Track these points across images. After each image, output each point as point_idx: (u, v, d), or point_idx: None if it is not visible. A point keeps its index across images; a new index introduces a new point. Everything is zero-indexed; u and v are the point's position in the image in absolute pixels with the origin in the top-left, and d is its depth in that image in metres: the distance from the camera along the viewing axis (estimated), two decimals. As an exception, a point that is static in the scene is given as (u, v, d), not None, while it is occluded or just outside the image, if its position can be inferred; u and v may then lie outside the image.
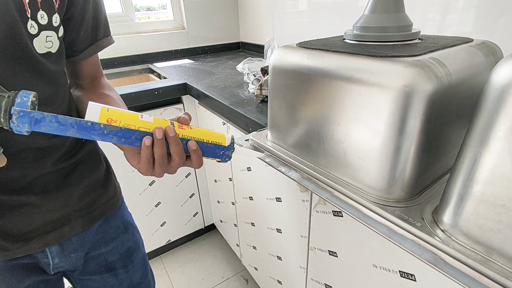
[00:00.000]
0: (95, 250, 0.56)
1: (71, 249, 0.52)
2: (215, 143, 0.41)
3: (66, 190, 0.49)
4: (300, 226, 0.73)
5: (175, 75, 1.22)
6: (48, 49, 0.42)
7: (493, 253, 0.29)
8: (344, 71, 0.39)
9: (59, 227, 0.49)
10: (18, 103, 0.30)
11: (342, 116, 0.40)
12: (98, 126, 0.34)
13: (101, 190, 0.55)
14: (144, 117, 0.37)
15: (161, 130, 0.36)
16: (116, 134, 0.35)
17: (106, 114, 0.34)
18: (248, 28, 1.64)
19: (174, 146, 0.38)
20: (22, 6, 0.37)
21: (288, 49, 0.48)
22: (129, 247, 0.61)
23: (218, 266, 1.35)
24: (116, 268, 0.59)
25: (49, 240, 0.48)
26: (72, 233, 0.51)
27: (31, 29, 0.39)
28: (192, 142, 0.39)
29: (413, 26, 0.45)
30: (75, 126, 0.33)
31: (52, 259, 0.51)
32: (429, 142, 0.36)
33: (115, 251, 0.58)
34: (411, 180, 0.38)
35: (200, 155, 0.40)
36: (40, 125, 0.31)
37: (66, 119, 0.32)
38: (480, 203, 0.29)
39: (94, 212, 0.54)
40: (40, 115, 0.31)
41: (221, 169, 1.13)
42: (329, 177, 0.44)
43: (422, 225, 0.34)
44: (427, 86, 0.32)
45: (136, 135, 0.36)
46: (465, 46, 0.41)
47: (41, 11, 0.39)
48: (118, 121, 0.35)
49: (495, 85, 0.26)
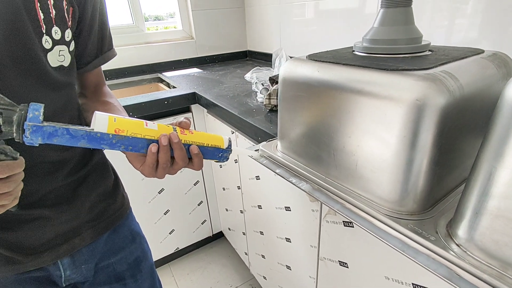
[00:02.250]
0: (104, 261, 0.57)
1: (82, 260, 0.53)
2: (214, 146, 0.44)
3: (76, 202, 0.50)
4: (309, 235, 0.72)
5: (184, 84, 1.24)
6: (60, 62, 0.44)
7: (509, 268, 0.29)
8: (354, 84, 0.39)
9: (70, 238, 0.50)
10: (30, 118, 0.31)
11: (353, 129, 0.41)
12: (107, 136, 0.35)
13: (109, 201, 0.56)
14: (149, 125, 0.39)
15: (166, 137, 0.38)
16: (123, 143, 0.37)
17: (114, 124, 0.36)
18: (255, 37, 1.66)
19: (178, 151, 0.40)
20: (37, 22, 0.39)
21: (298, 62, 0.49)
22: (137, 256, 0.61)
23: (226, 274, 1.35)
24: (125, 278, 0.60)
25: (60, 252, 0.49)
26: (82, 244, 0.52)
27: (46, 44, 0.41)
28: (194, 146, 0.42)
29: (423, 38, 0.45)
30: (86, 137, 0.34)
31: (64, 271, 0.51)
32: (442, 154, 0.36)
33: (124, 261, 0.59)
34: (424, 192, 0.38)
35: (201, 158, 0.43)
36: (52, 138, 0.33)
37: (76, 131, 0.34)
38: (495, 218, 0.29)
39: (103, 223, 0.55)
40: (52, 129, 0.32)
41: (229, 177, 1.14)
42: (340, 189, 0.44)
43: (437, 239, 0.34)
44: (439, 99, 0.32)
45: (142, 143, 0.38)
46: (476, 57, 0.41)
47: (55, 27, 0.41)
48: (125, 130, 0.37)
49: (509, 101, 0.26)
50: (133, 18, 1.47)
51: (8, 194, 0.33)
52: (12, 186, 0.32)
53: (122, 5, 1.46)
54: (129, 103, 1.00)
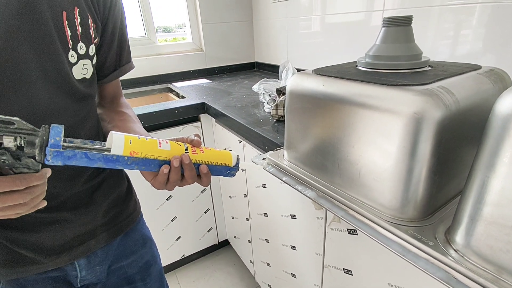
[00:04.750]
0: (116, 263, 0.59)
1: (96, 262, 0.56)
2: (222, 164, 0.46)
3: (92, 207, 0.53)
4: (315, 243, 0.74)
5: (193, 94, 1.28)
6: (83, 75, 0.47)
7: (504, 272, 0.30)
8: (357, 98, 0.42)
9: (86, 240, 0.53)
10: (52, 143, 0.33)
11: (356, 139, 0.43)
12: (122, 159, 0.38)
13: (122, 206, 0.59)
14: (162, 146, 0.41)
15: (178, 160, 0.41)
16: (137, 164, 0.39)
17: (129, 147, 0.38)
18: (262, 49, 1.71)
19: (188, 172, 0.43)
20: (65, 38, 0.43)
21: (305, 76, 0.52)
22: (147, 260, 0.64)
23: (231, 282, 1.36)
24: (135, 281, 0.62)
25: (77, 253, 0.52)
26: (97, 247, 0.55)
27: (71, 58, 0.44)
28: (203, 166, 0.44)
29: (423, 54, 0.48)
30: (102, 160, 0.36)
31: (80, 272, 0.54)
32: (440, 164, 0.38)
33: (134, 264, 0.62)
34: (424, 200, 0.40)
35: (210, 177, 0.45)
36: (71, 161, 0.35)
37: (94, 154, 0.36)
38: (490, 225, 0.31)
39: (116, 227, 0.58)
40: (71, 153, 0.34)
41: (236, 186, 1.16)
42: (344, 196, 0.47)
43: (435, 245, 0.36)
44: (436, 113, 0.35)
45: (154, 164, 0.41)
46: (473, 73, 0.43)
47: (80, 43, 0.45)
48: (139, 152, 0.39)
49: (499, 114, 0.29)
50: (145, 31, 1.54)
51: (24, 205, 0.35)
52: (28, 197, 0.34)
53: (135, 18, 1.53)
54: (141, 112, 1.04)
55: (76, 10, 0.44)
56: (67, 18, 0.42)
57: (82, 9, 0.44)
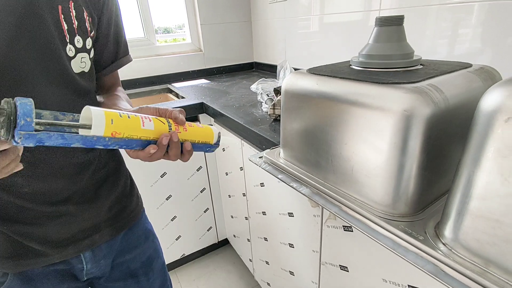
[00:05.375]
0: (120, 257, 0.61)
1: (101, 256, 0.57)
2: (204, 142, 0.47)
3: (97, 202, 0.54)
4: (311, 241, 0.75)
5: (192, 94, 1.29)
6: (82, 68, 0.48)
7: (490, 265, 0.31)
8: (350, 96, 0.43)
9: (91, 235, 0.54)
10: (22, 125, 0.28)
11: (349, 137, 0.44)
12: (103, 139, 0.35)
13: (126, 202, 0.60)
14: (146, 125, 0.39)
15: (167, 138, 0.40)
16: (118, 144, 0.37)
17: (111, 127, 0.35)
18: (261, 49, 1.72)
19: (174, 150, 0.42)
20: (62, 32, 0.44)
21: (299, 75, 0.52)
22: (149, 255, 0.65)
23: (231, 281, 1.37)
24: (138, 275, 0.63)
25: (83, 246, 0.53)
26: (102, 241, 0.56)
27: (69, 52, 0.45)
28: (187, 144, 0.44)
29: (414, 53, 0.49)
30: (80, 141, 0.33)
31: (85, 264, 0.55)
32: (430, 160, 0.39)
33: (138, 259, 0.63)
34: (415, 196, 0.41)
35: (192, 153, 0.45)
36: (44, 142, 0.31)
37: (72, 136, 0.33)
38: (476, 218, 0.32)
39: (120, 222, 0.59)
40: (45, 135, 0.30)
41: (235, 184, 1.17)
42: (338, 193, 0.47)
43: (425, 239, 0.37)
44: (425, 110, 0.36)
45: (137, 143, 0.39)
46: (463, 71, 0.44)
47: (77, 36, 0.46)
48: (121, 133, 0.36)
49: (483, 111, 0.30)
50: (144, 32, 1.55)
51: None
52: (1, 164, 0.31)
53: (135, 19, 1.54)
54: (140, 113, 1.05)
55: (71, 4, 0.44)
56: (62, 12, 0.43)
57: (76, 2, 0.45)
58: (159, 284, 0.67)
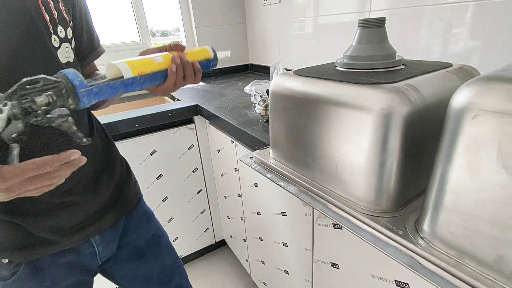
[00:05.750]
0: (125, 238, 0.64)
1: (108, 239, 0.61)
2: (206, 59, 0.53)
3: (99, 190, 0.57)
4: (304, 239, 0.76)
5: (187, 97, 1.31)
6: (67, 58, 0.50)
7: (464, 256, 0.33)
8: (332, 96, 0.44)
9: (96, 221, 0.57)
10: (78, 85, 0.35)
11: (333, 136, 0.45)
12: (136, 80, 0.42)
13: (125, 187, 0.64)
14: (157, 60, 0.46)
15: (177, 57, 0.47)
16: (147, 80, 0.44)
17: (135, 69, 0.42)
18: (256, 51, 1.73)
19: (188, 69, 0.49)
20: (46, 23, 0.45)
21: (286, 76, 0.54)
22: (153, 233, 0.69)
23: (228, 281, 1.37)
24: (145, 254, 0.67)
25: (89, 232, 0.56)
26: (107, 225, 0.59)
27: (55, 43, 0.47)
28: (195, 62, 0.50)
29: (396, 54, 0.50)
30: (122, 86, 0.41)
31: (97, 248, 0.59)
32: (409, 158, 0.40)
33: (142, 238, 0.67)
34: (396, 192, 0.42)
35: (201, 72, 0.51)
36: (99, 96, 0.38)
37: (114, 83, 0.40)
38: (450, 212, 0.33)
39: (121, 206, 0.62)
40: (97, 88, 0.38)
41: (230, 185, 1.18)
42: (324, 191, 0.49)
43: (405, 233, 0.38)
44: (402, 109, 0.37)
45: (160, 75, 0.46)
46: (442, 71, 0.46)
47: (59, 27, 0.48)
48: (145, 70, 0.43)
49: (453, 109, 0.31)
50: (140, 35, 1.56)
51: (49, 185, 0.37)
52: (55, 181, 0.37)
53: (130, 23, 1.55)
54: (135, 116, 1.07)
55: None
56: (42, 3, 0.45)
57: None
58: (169, 259, 0.71)
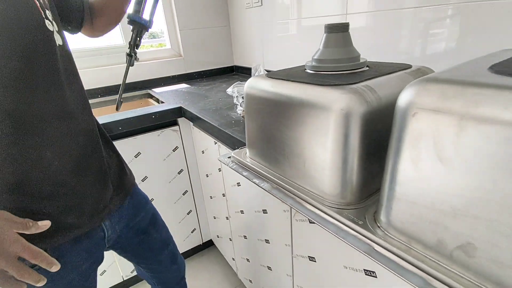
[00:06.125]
0: (132, 221, 0.71)
1: (115, 222, 0.66)
2: None
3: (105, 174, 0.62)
4: (283, 235, 0.79)
5: (172, 99, 1.32)
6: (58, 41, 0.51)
7: (412, 241, 0.36)
8: (299, 97, 0.47)
9: (107, 204, 0.62)
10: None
11: (300, 134, 0.48)
12: None
13: (123, 174, 0.69)
14: None
15: None
16: None
17: None
18: (240, 52, 1.76)
19: None
20: (38, 10, 0.47)
21: (258, 79, 0.57)
22: (153, 213, 0.79)
23: (216, 281, 1.39)
24: (149, 230, 0.76)
25: (103, 215, 0.61)
26: (114, 209, 0.65)
27: (49, 26, 0.49)
28: None
29: (360, 56, 0.54)
30: None
31: (107, 231, 0.64)
32: (369, 154, 0.44)
33: (145, 219, 0.75)
34: (358, 186, 0.45)
35: None
36: None
37: None
38: (399, 202, 0.36)
39: (123, 190, 0.68)
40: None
41: (215, 186, 1.20)
42: (295, 187, 0.52)
43: (364, 223, 0.41)
44: (359, 108, 0.40)
45: None
46: (401, 73, 0.49)
47: (47, 11, 0.50)
48: None
49: (399, 107, 0.34)
50: (123, 39, 1.57)
51: None
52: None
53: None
54: (119, 118, 1.08)
55: None
56: None
57: None
58: (164, 233, 0.82)
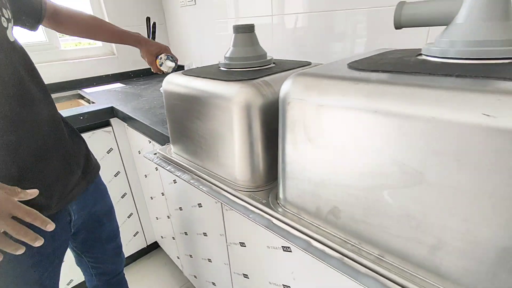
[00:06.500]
0: (92, 207, 0.73)
1: (80, 207, 0.68)
2: None
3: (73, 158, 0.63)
4: (218, 225, 0.82)
5: (103, 99, 1.27)
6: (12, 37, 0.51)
7: (301, 212, 0.42)
8: (208, 91, 0.51)
9: (73, 188, 0.63)
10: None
11: (212, 126, 0.52)
12: None
13: (89, 160, 0.71)
14: None
15: None
16: None
17: None
18: (178, 51, 1.75)
19: None
20: None
21: (175, 76, 0.59)
22: (109, 204, 0.81)
23: (164, 282, 1.38)
24: (103, 220, 0.79)
25: (69, 198, 0.62)
26: (80, 192, 0.65)
27: (4, 24, 0.48)
28: None
29: (267, 54, 0.59)
30: None
31: (73, 215, 0.65)
32: (270, 141, 0.49)
33: (103, 208, 0.77)
34: (265, 170, 0.50)
35: None
36: None
37: None
38: (289, 179, 0.42)
39: (88, 176, 0.69)
40: None
41: (154, 185, 1.19)
42: (211, 175, 0.55)
43: (267, 202, 0.47)
44: (256, 101, 0.45)
45: None
46: (299, 69, 0.56)
47: (3, 9, 0.49)
48: None
49: (280, 98, 0.40)
50: (45, 36, 1.45)
51: None
52: None
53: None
54: (41, 121, 1.00)
55: None
56: None
57: None
58: (116, 225, 0.85)
